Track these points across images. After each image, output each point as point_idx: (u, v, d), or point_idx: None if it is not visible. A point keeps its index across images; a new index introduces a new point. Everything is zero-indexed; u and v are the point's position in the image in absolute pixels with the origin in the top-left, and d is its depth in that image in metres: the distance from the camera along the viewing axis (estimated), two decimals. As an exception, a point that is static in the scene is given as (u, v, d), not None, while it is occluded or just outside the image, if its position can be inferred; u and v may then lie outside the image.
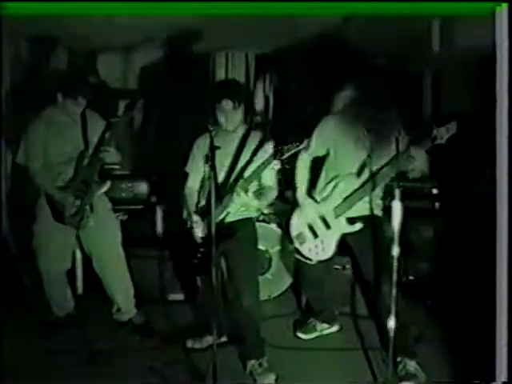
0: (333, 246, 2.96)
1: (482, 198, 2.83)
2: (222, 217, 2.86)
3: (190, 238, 2.98)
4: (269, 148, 2.74)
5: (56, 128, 3.25)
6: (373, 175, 2.81)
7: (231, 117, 2.87)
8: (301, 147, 2.60)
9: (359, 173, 2.88)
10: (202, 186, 3.04)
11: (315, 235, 3.00)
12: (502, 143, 2.16)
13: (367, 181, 2.83)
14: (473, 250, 3.39)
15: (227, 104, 2.83)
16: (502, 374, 2.21)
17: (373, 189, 2.82)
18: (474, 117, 3.40)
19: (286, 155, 2.61)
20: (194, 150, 3.07)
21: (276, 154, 2.62)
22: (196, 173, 3.06)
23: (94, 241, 3.38)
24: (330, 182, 2.97)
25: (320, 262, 3.04)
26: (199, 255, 2.95)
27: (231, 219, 2.92)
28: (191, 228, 2.96)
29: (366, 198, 2.87)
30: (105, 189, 3.31)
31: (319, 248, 2.99)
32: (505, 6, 2.13)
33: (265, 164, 2.69)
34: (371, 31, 3.92)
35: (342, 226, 2.92)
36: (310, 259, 3.04)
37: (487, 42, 2.24)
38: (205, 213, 2.92)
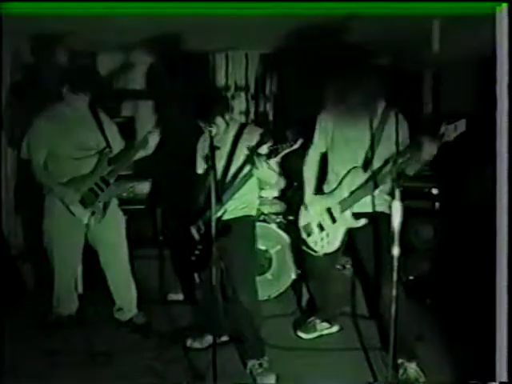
0: (338, 239, 2.99)
1: (481, 198, 2.83)
2: (220, 214, 2.87)
3: (188, 236, 2.99)
4: (263, 147, 2.75)
5: (61, 123, 3.28)
6: (378, 171, 2.83)
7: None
8: (295, 147, 2.60)
9: (365, 167, 2.89)
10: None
11: (321, 228, 3.03)
12: (502, 143, 2.16)
13: (373, 175, 2.84)
14: (473, 250, 3.39)
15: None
16: (501, 374, 2.20)
17: (377, 186, 2.83)
18: (474, 117, 3.40)
19: (281, 155, 2.61)
20: (197, 153, 3.13)
21: (271, 154, 2.63)
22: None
23: (101, 235, 3.40)
24: (335, 175, 3.00)
25: (326, 254, 3.05)
26: (197, 252, 2.97)
27: (230, 217, 2.93)
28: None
29: (374, 194, 2.87)
30: (122, 190, 3.44)
31: (325, 241, 3.02)
32: (505, 6, 2.13)
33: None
34: (372, 31, 3.93)
35: (347, 220, 2.94)
36: (316, 251, 3.07)
37: (487, 41, 2.24)
38: (202, 210, 2.96)
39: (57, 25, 3.80)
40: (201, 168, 3.12)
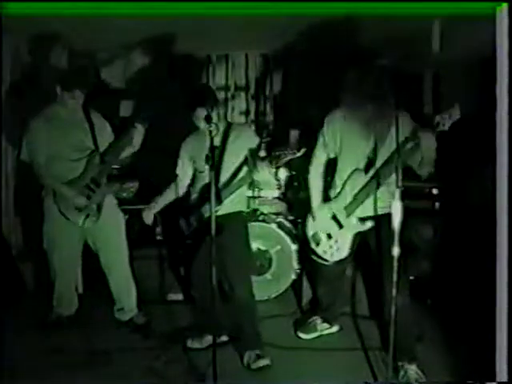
0: (347, 246, 2.96)
1: (481, 198, 2.83)
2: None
3: (177, 230, 3.04)
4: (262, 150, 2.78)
5: (57, 123, 3.27)
6: (380, 169, 2.80)
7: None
8: (298, 155, 2.61)
9: (366, 169, 2.85)
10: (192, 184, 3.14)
11: (329, 236, 3.00)
12: (502, 143, 2.16)
13: (375, 175, 2.81)
14: (473, 250, 3.39)
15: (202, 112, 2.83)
16: (502, 373, 2.20)
17: (379, 184, 2.79)
18: (474, 117, 3.40)
19: (283, 161, 2.63)
20: (181, 153, 3.14)
21: (272, 160, 2.64)
22: (184, 176, 3.15)
23: (101, 237, 3.41)
24: (341, 180, 2.96)
25: (336, 262, 3.03)
26: (187, 246, 3.00)
27: (222, 212, 2.93)
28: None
29: (379, 196, 2.84)
30: (114, 190, 3.46)
31: (334, 248, 2.99)
32: (505, 5, 2.13)
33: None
34: (372, 31, 3.93)
35: (353, 225, 2.91)
36: (326, 260, 3.04)
37: (487, 41, 2.24)
38: (195, 207, 3.00)
39: (57, 25, 3.81)
40: (179, 169, 3.14)
